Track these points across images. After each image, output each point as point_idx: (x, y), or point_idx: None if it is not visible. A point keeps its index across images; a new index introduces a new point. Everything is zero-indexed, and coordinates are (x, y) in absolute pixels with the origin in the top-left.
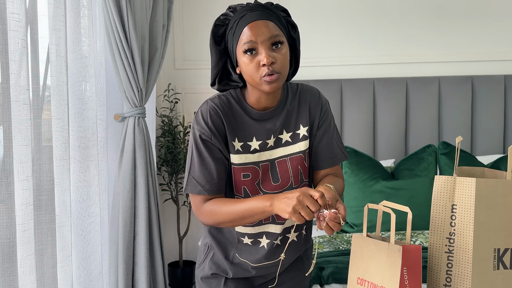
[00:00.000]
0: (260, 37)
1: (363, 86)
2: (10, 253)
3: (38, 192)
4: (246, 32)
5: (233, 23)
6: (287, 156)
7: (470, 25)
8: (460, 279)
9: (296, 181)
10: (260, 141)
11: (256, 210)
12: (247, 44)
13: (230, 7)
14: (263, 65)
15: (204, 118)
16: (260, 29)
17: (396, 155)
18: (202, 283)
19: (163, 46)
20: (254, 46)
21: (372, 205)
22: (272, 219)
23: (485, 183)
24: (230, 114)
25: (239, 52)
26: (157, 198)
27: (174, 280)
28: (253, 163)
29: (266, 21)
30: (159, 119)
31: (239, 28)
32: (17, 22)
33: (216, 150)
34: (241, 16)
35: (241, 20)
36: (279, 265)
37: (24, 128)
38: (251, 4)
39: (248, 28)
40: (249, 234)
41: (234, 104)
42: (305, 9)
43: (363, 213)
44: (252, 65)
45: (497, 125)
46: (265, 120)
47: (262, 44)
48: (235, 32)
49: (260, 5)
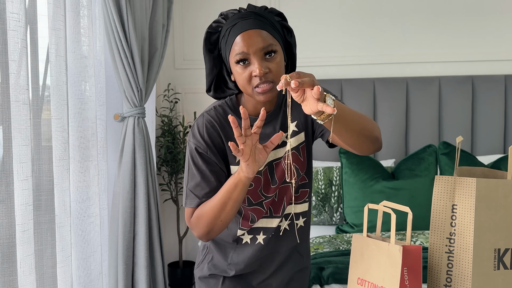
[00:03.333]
0: (252, 47)
1: (363, 86)
2: (10, 253)
3: (37, 192)
4: (238, 42)
5: (225, 31)
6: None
7: (470, 25)
8: (461, 279)
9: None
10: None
11: (230, 187)
12: (239, 55)
13: (222, 14)
14: (255, 76)
15: (200, 132)
16: (252, 40)
17: (396, 155)
18: (201, 282)
19: (163, 46)
20: (246, 57)
21: (372, 205)
22: (270, 213)
23: (486, 183)
24: (227, 125)
25: (231, 61)
26: (157, 198)
27: (174, 280)
28: None
29: (259, 30)
30: (159, 119)
31: (231, 37)
32: (16, 22)
33: (213, 163)
34: (233, 25)
35: (233, 29)
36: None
37: (23, 128)
38: (243, 11)
39: (240, 38)
40: (248, 231)
41: (231, 113)
42: (305, 9)
43: (363, 213)
44: (245, 75)
45: (497, 125)
46: (265, 124)
47: (255, 55)
48: (227, 41)
49: (252, 13)
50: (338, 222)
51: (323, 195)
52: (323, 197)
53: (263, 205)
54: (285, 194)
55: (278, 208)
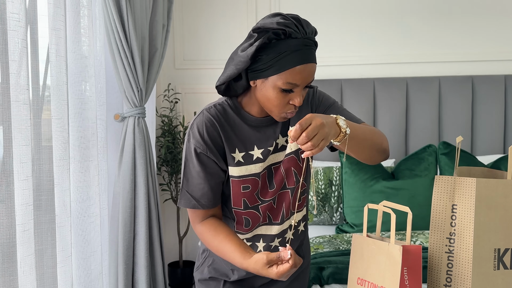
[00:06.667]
0: (304, 81)
1: (363, 86)
2: (10, 253)
3: (38, 192)
4: (296, 72)
5: (284, 49)
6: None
7: (470, 25)
8: (461, 279)
9: (291, 183)
10: (261, 149)
11: (235, 259)
12: (290, 85)
13: (286, 25)
14: (292, 104)
15: (200, 131)
16: (308, 74)
17: (396, 155)
18: (201, 285)
19: (163, 46)
20: (295, 87)
21: (372, 205)
22: (269, 220)
23: (486, 183)
24: (227, 124)
25: (274, 82)
26: (157, 198)
27: (174, 280)
28: (253, 175)
29: (314, 65)
30: (159, 119)
31: (289, 62)
32: (17, 22)
33: (212, 163)
34: (296, 50)
35: (294, 55)
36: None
37: (24, 128)
38: (308, 35)
39: (299, 69)
40: (247, 238)
41: (231, 114)
42: (305, 9)
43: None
44: (284, 101)
45: (497, 125)
46: (265, 126)
47: (301, 86)
48: (282, 62)
49: (314, 42)
50: (338, 222)
51: (323, 195)
52: (323, 197)
53: (259, 209)
54: (284, 200)
55: (277, 215)
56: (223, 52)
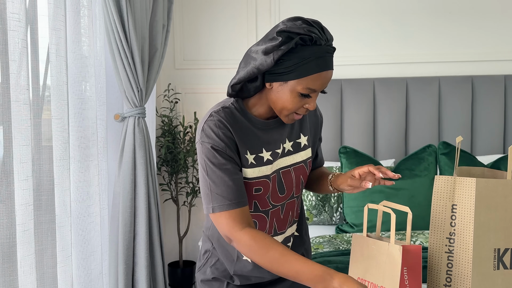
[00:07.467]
0: (322, 87)
1: (363, 86)
2: (10, 253)
3: (38, 192)
4: (318, 79)
5: (308, 55)
6: (291, 166)
7: (470, 25)
8: (460, 279)
9: (298, 191)
10: (270, 151)
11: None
12: (310, 90)
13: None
14: (306, 108)
15: (214, 131)
16: (326, 80)
17: (396, 155)
18: (203, 285)
19: (163, 46)
20: (312, 93)
21: (372, 205)
22: (274, 232)
23: (485, 183)
24: (237, 126)
25: (293, 86)
26: (157, 198)
27: (174, 280)
28: (265, 176)
29: (332, 71)
30: (159, 119)
31: (313, 68)
32: (17, 22)
33: (232, 161)
34: (319, 57)
35: (319, 61)
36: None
37: (24, 128)
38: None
39: (321, 76)
40: None
41: (239, 116)
42: (304, 9)
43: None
44: (299, 104)
45: (497, 125)
46: (272, 129)
47: (317, 92)
48: (305, 68)
49: (334, 49)
50: (338, 222)
51: (323, 195)
52: (323, 197)
53: (269, 213)
54: (290, 210)
55: (283, 226)
56: (223, 52)
